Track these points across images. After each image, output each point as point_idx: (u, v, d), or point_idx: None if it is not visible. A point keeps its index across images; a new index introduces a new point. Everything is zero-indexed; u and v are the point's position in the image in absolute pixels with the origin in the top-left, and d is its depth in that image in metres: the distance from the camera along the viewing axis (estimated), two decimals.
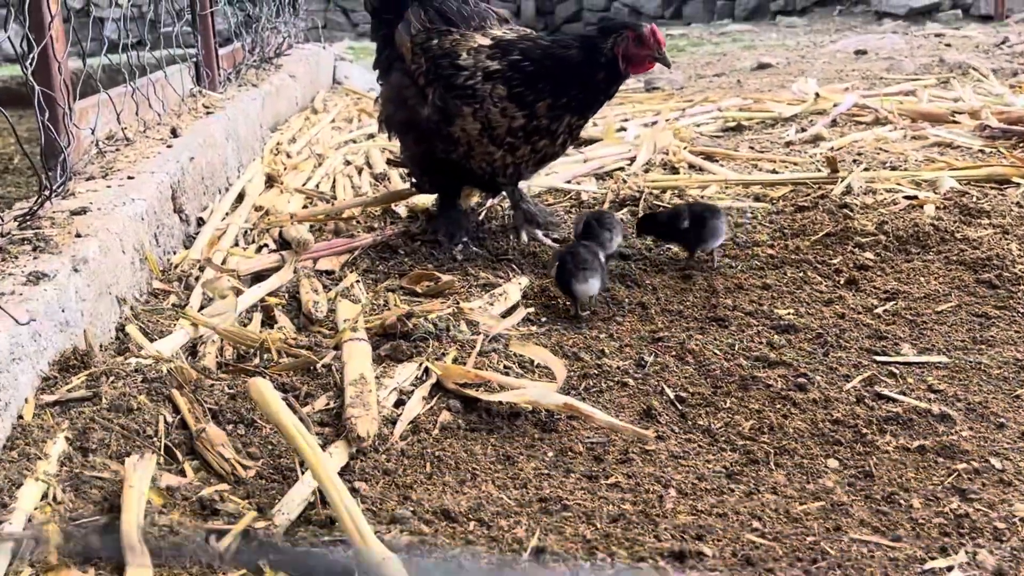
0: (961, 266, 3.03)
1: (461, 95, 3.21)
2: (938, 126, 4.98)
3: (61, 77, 3.02)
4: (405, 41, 3.42)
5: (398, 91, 3.49)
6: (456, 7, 3.47)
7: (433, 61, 3.30)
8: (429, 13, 3.45)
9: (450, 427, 2.18)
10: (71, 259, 2.35)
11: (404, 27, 3.46)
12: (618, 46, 3.04)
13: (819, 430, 2.18)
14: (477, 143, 3.24)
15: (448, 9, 3.46)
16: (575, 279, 2.74)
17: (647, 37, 3.03)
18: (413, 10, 3.47)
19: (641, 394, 2.38)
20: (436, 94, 3.28)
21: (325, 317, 2.73)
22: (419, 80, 3.36)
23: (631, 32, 3.04)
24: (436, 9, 3.46)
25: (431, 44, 3.34)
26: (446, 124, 3.26)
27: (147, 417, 2.02)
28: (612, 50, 3.05)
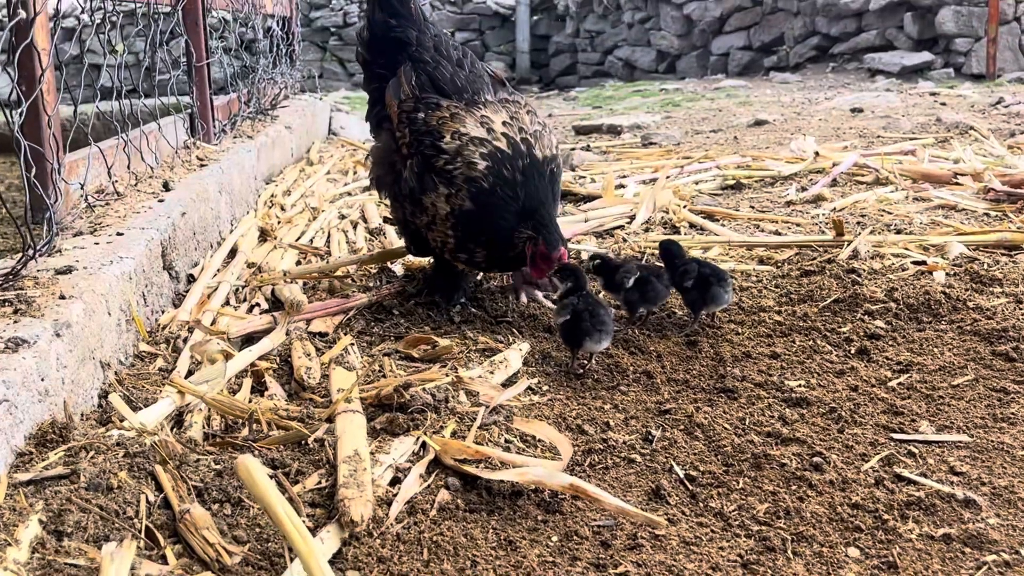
0: (976, 337, 2.94)
1: (439, 175, 3.12)
2: (941, 187, 4.93)
3: (51, 131, 2.94)
4: (392, 105, 3.32)
5: (387, 153, 3.40)
6: (450, 75, 3.33)
7: (416, 136, 3.19)
8: (421, 78, 3.32)
9: (448, 508, 2.06)
10: (53, 323, 2.24)
11: (394, 88, 3.35)
12: (528, 244, 3.07)
13: (838, 515, 2.06)
14: (441, 222, 3.15)
15: (441, 76, 3.32)
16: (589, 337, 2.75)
17: (552, 260, 3.04)
18: (405, 71, 3.35)
19: (649, 472, 2.27)
20: (416, 163, 3.19)
21: (318, 384, 2.62)
22: (402, 149, 3.27)
23: (542, 246, 3.04)
24: (429, 75, 3.33)
25: (416, 117, 3.22)
26: (420, 191, 3.18)
27: (128, 496, 1.90)
28: (524, 242, 3.08)
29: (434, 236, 3.22)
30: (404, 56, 3.42)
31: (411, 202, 3.23)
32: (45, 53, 2.94)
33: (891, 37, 13.05)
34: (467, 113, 3.19)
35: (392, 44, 3.47)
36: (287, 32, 8.21)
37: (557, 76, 18.14)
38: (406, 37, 3.45)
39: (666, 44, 16.09)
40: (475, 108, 3.23)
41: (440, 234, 3.19)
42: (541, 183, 3.15)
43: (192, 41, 4.91)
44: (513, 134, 3.17)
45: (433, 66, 3.35)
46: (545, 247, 3.02)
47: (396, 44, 3.46)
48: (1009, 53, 12.27)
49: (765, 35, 14.78)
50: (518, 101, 3.36)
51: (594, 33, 17.60)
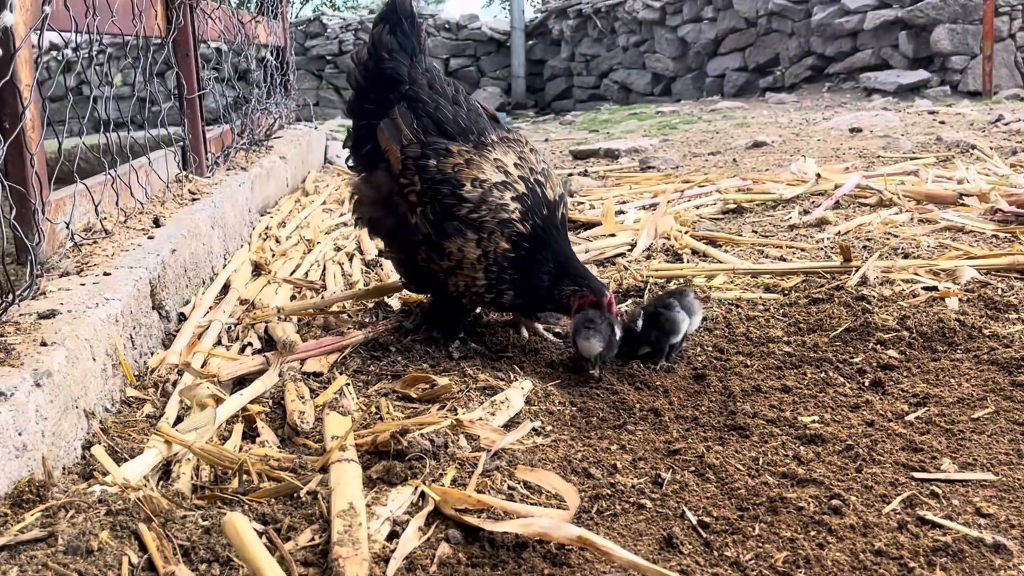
0: (993, 366, 2.84)
1: (464, 222, 2.98)
2: (946, 209, 4.85)
3: (34, 169, 2.85)
4: (394, 150, 3.11)
5: (386, 195, 3.20)
6: (452, 115, 3.13)
7: (431, 185, 3.00)
8: (423, 121, 3.11)
9: (450, 562, 1.94)
10: (33, 373, 2.14)
11: (390, 130, 3.14)
12: (573, 298, 3.01)
13: (860, 563, 1.95)
14: (470, 266, 3.01)
15: (444, 118, 3.12)
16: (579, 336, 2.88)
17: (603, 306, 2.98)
18: (402, 112, 3.14)
19: (660, 518, 2.16)
20: (431, 211, 3.02)
21: (312, 428, 2.52)
22: (409, 196, 3.07)
23: (590, 296, 2.99)
24: (430, 116, 3.12)
25: (428, 164, 3.02)
26: (439, 237, 3.02)
27: (109, 559, 1.78)
28: (568, 298, 3.02)
29: (457, 280, 3.07)
30: (396, 95, 3.21)
31: (428, 247, 3.06)
32: (28, 89, 2.86)
33: (886, 56, 13.05)
34: (481, 158, 3.03)
35: (383, 80, 3.27)
36: (281, 61, 8.17)
37: (553, 100, 18.15)
38: (398, 74, 3.24)
39: (661, 67, 16.10)
40: (485, 151, 3.07)
41: (466, 278, 3.04)
42: (562, 230, 3.10)
43: (183, 73, 4.84)
44: (527, 176, 3.06)
45: (433, 106, 3.15)
46: (594, 295, 2.98)
47: (387, 80, 3.25)
48: (1005, 70, 12.26)
49: (760, 56, 14.79)
50: (519, 140, 3.22)
51: (589, 57, 17.63)
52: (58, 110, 3.33)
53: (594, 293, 2.98)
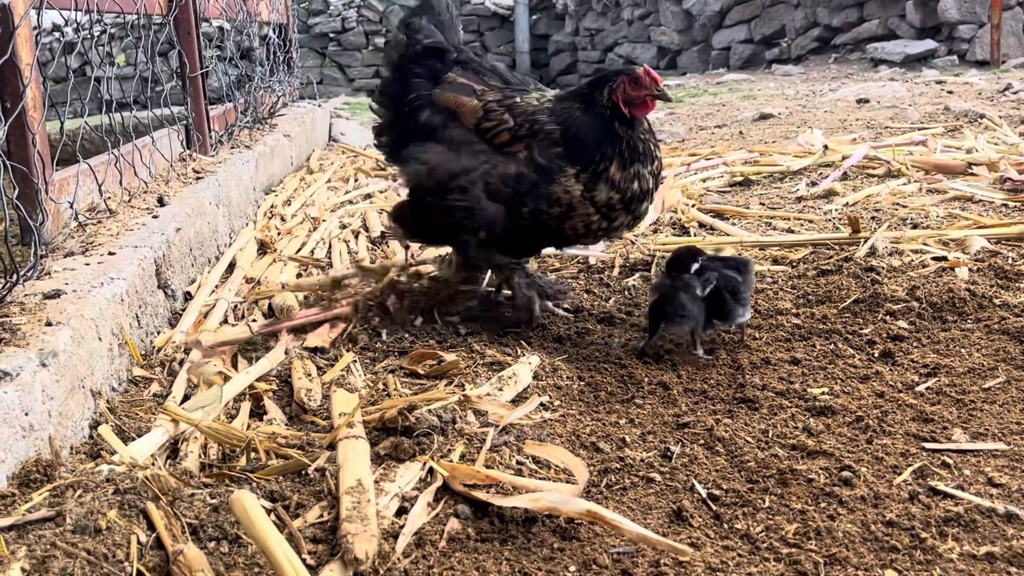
0: (1004, 336, 2.82)
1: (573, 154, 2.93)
2: (955, 179, 4.80)
3: (36, 149, 2.83)
4: (466, 102, 3.09)
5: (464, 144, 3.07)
6: (507, 71, 3.26)
7: (527, 116, 3.01)
8: (485, 76, 3.21)
9: (459, 538, 1.94)
10: (39, 353, 2.13)
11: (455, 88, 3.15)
12: (615, 93, 2.92)
13: (872, 534, 1.94)
14: (579, 203, 2.94)
15: (502, 72, 3.24)
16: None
17: (642, 78, 2.91)
18: (460, 71, 3.22)
19: (669, 491, 2.15)
20: (535, 151, 2.96)
21: (319, 406, 2.51)
22: (499, 137, 3.02)
23: (625, 77, 2.92)
24: (491, 71, 3.24)
25: (514, 102, 3.06)
26: (546, 183, 2.94)
27: (117, 538, 1.78)
28: (610, 99, 2.93)
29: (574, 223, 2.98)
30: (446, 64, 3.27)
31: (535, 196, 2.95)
32: (28, 68, 2.83)
33: (893, 26, 12.90)
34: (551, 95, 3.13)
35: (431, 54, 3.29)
36: (284, 39, 8.11)
37: (558, 75, 18.02)
38: (444, 46, 3.31)
39: (667, 40, 15.96)
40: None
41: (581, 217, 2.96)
42: None
43: (185, 51, 4.81)
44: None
45: (489, 66, 3.27)
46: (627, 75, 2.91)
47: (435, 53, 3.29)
48: (1013, 39, 12.11)
49: (766, 28, 14.63)
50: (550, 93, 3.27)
51: (594, 31, 17.48)
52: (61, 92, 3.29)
53: (627, 74, 2.92)
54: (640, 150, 2.95)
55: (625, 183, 2.92)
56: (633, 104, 2.93)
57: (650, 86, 2.92)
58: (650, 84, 2.91)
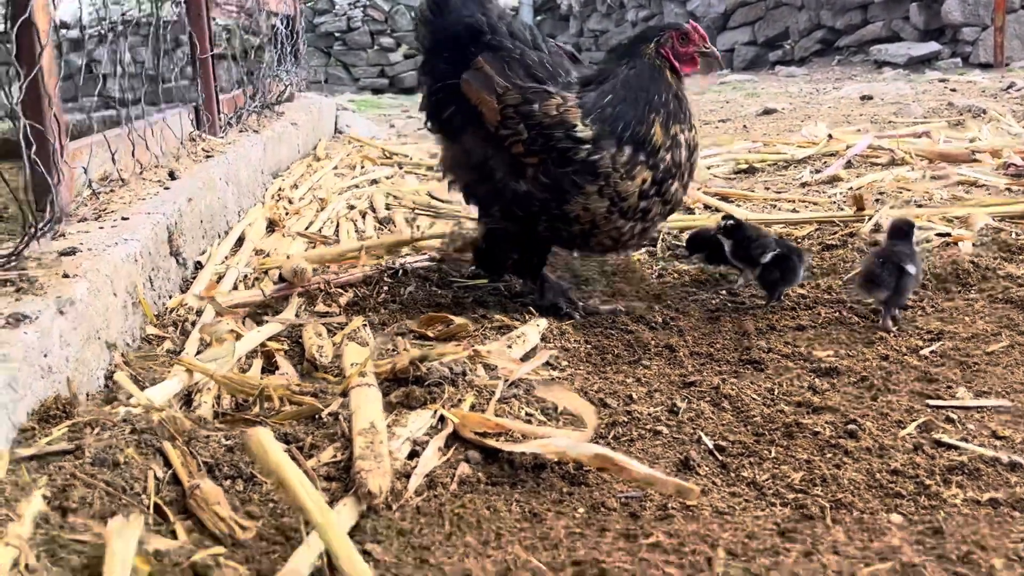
0: (1008, 304, 2.85)
1: (582, 171, 2.79)
2: (959, 165, 4.83)
3: (52, 111, 2.86)
4: (489, 101, 2.91)
5: (481, 161, 2.99)
6: (539, 59, 2.99)
7: (541, 131, 2.84)
8: (513, 68, 2.95)
9: (470, 481, 1.97)
10: (56, 301, 2.16)
11: (479, 80, 2.95)
12: (663, 47, 2.86)
13: (877, 481, 1.97)
14: (604, 220, 2.84)
15: (532, 63, 2.97)
16: None
17: (691, 33, 2.86)
18: (488, 59, 2.97)
19: (676, 443, 2.18)
20: (543, 169, 2.84)
21: (331, 363, 2.54)
22: (514, 148, 2.88)
23: (674, 32, 2.87)
24: (519, 62, 2.97)
25: (532, 109, 2.85)
26: (558, 203, 2.83)
27: (135, 472, 1.81)
28: (659, 52, 2.86)
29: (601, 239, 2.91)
30: (479, 46, 3.04)
31: (548, 217, 2.87)
32: (44, 33, 2.87)
33: (897, 28, 12.95)
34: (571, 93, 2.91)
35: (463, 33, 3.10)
36: (291, 30, 8.15)
37: None
38: (478, 24, 3.08)
39: None
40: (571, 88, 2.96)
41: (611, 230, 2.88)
42: None
43: (196, 33, 4.85)
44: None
45: (520, 51, 3.02)
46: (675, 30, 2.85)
47: (469, 32, 3.09)
48: (1017, 41, 12.15)
49: (770, 30, 14.69)
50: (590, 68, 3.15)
51: (598, 32, 17.54)
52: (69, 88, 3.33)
53: (675, 29, 2.86)
54: (684, 106, 2.88)
55: (663, 151, 2.80)
56: (681, 59, 2.88)
57: (699, 42, 2.87)
58: (699, 40, 2.87)
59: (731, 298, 3.12)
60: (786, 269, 2.94)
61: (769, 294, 3.00)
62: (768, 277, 2.97)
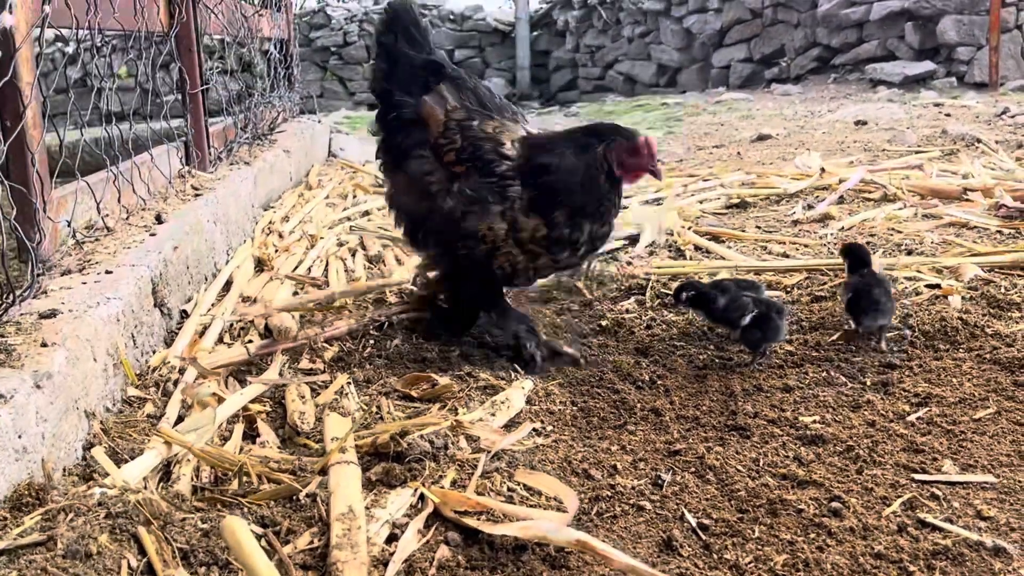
0: (996, 366, 2.83)
1: (496, 190, 2.97)
2: (950, 204, 4.83)
3: (35, 168, 2.85)
4: (437, 114, 3.16)
5: (419, 178, 3.16)
6: (488, 95, 3.26)
7: (473, 142, 3.06)
8: (467, 95, 3.22)
9: (449, 565, 1.95)
10: (33, 375, 2.14)
11: (435, 100, 3.20)
12: (609, 151, 2.91)
13: (860, 566, 1.95)
14: (503, 243, 2.98)
15: (484, 95, 3.24)
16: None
17: (640, 148, 2.89)
18: (447, 85, 3.24)
19: (660, 520, 2.16)
20: (468, 182, 3.02)
21: (312, 428, 2.52)
22: (446, 156, 3.09)
23: (624, 142, 2.90)
24: (472, 91, 3.24)
25: (471, 123, 3.11)
26: (472, 219, 3.00)
27: (108, 563, 1.79)
28: (604, 154, 2.91)
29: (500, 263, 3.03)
30: (438, 78, 3.28)
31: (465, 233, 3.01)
32: (29, 87, 2.85)
33: (892, 47, 12.97)
34: (517, 127, 3.15)
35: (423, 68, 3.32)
36: (285, 54, 8.15)
37: (558, 91, 18.09)
38: (440, 59, 3.37)
39: (666, 58, 16.03)
40: (519, 125, 3.18)
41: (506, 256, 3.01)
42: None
43: (186, 68, 4.83)
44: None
45: (474, 84, 3.29)
46: (626, 140, 2.89)
47: (430, 67, 3.32)
48: (1011, 61, 12.18)
49: (766, 47, 14.72)
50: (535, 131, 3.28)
51: (594, 48, 17.56)
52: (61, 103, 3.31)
53: (626, 139, 2.90)
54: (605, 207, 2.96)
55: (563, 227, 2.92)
56: (623, 168, 2.93)
57: (646, 160, 2.91)
58: (646, 158, 2.90)
59: (719, 353, 3.10)
60: (767, 328, 2.95)
61: (753, 354, 2.98)
62: (750, 338, 2.96)
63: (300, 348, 3.07)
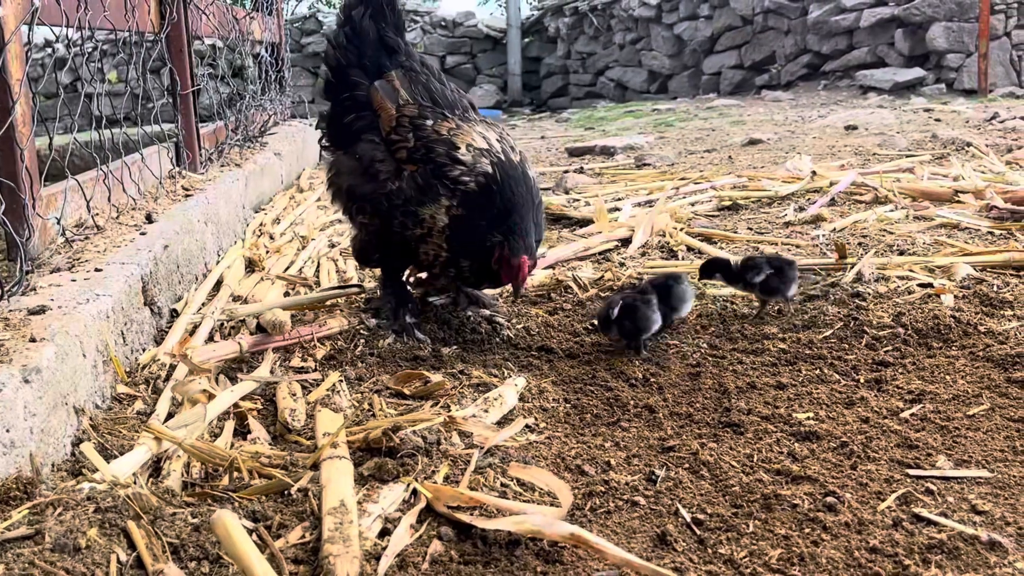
0: (988, 363, 2.83)
1: (446, 187, 3.03)
2: (941, 206, 4.84)
3: (24, 164, 2.83)
4: (388, 107, 3.19)
5: (368, 164, 3.22)
6: (441, 89, 3.28)
7: (426, 143, 3.09)
8: (418, 88, 3.24)
9: (442, 560, 1.93)
10: (21, 369, 2.12)
11: (386, 90, 3.23)
12: (496, 247, 3.00)
13: (855, 560, 1.94)
14: (438, 234, 3.07)
15: (434, 89, 3.27)
16: None
17: (514, 266, 2.99)
18: (399, 75, 3.27)
19: (654, 515, 2.14)
20: (420, 173, 3.08)
21: (304, 425, 2.50)
22: (398, 153, 3.14)
23: (507, 251, 2.98)
24: (424, 85, 3.26)
25: (424, 124, 3.13)
26: (416, 204, 3.07)
27: (97, 557, 1.77)
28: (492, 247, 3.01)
29: (427, 249, 3.13)
30: (392, 63, 3.33)
31: (403, 213, 3.11)
32: (18, 83, 2.84)
33: (882, 54, 13.03)
34: (470, 127, 3.15)
35: (380, 48, 3.36)
36: (276, 58, 8.13)
37: (549, 98, 18.11)
38: (395, 44, 3.37)
39: (658, 64, 16.07)
40: (471, 124, 3.19)
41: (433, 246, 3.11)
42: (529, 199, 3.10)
43: (177, 69, 4.82)
44: (508, 150, 3.14)
45: (426, 78, 3.30)
46: (509, 251, 2.98)
47: (385, 49, 3.36)
48: (1000, 68, 12.25)
49: (756, 54, 14.77)
50: (497, 125, 3.32)
51: (585, 55, 17.59)
52: (51, 107, 3.30)
53: (512, 251, 2.97)
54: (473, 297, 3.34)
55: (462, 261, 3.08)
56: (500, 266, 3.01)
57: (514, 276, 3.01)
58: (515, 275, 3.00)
59: (712, 351, 3.09)
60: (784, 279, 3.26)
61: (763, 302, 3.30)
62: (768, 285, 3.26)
63: (292, 346, 3.06)
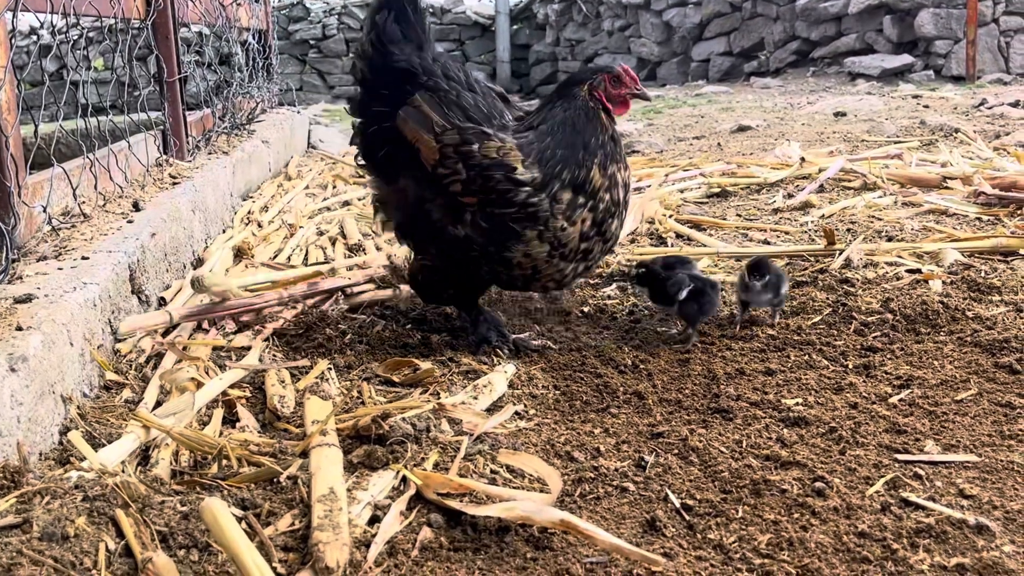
0: (976, 348, 2.84)
1: (521, 217, 2.80)
2: (930, 192, 4.85)
3: (9, 152, 2.81)
4: (427, 140, 2.88)
5: (417, 204, 2.96)
6: (474, 101, 2.96)
7: (481, 172, 2.81)
8: (451, 108, 2.92)
9: (431, 547, 1.93)
10: (8, 358, 2.11)
11: (417, 119, 2.91)
12: (596, 90, 2.91)
13: (844, 545, 1.95)
14: (546, 264, 2.88)
15: (468, 104, 2.95)
16: None
17: (623, 75, 2.91)
18: (425, 98, 2.93)
19: (643, 501, 2.15)
20: (482, 213, 2.83)
21: (292, 413, 2.49)
22: (452, 188, 2.85)
23: (606, 75, 2.91)
24: (456, 103, 2.94)
25: (471, 150, 2.82)
26: (499, 249, 2.84)
27: (85, 545, 1.76)
28: (592, 95, 2.91)
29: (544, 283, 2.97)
30: (414, 86, 2.99)
31: (488, 260, 2.88)
32: (2, 69, 2.81)
33: (871, 40, 13.03)
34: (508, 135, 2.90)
35: (395, 75, 3.03)
36: (264, 45, 8.09)
37: (538, 85, 18.05)
38: (411, 66, 3.02)
39: (646, 51, 16.04)
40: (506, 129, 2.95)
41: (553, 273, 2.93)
42: None
43: (163, 56, 4.78)
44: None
45: (455, 94, 2.97)
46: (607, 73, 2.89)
47: (400, 75, 3.02)
48: (988, 54, 12.27)
49: (745, 40, 14.74)
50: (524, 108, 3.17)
51: (574, 42, 17.53)
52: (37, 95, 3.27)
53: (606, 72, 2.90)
54: (619, 146, 2.93)
55: (603, 192, 2.85)
56: (614, 102, 2.93)
57: (630, 84, 2.92)
58: (630, 83, 2.92)
59: (700, 338, 3.10)
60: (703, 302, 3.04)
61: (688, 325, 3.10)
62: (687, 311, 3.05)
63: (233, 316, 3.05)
